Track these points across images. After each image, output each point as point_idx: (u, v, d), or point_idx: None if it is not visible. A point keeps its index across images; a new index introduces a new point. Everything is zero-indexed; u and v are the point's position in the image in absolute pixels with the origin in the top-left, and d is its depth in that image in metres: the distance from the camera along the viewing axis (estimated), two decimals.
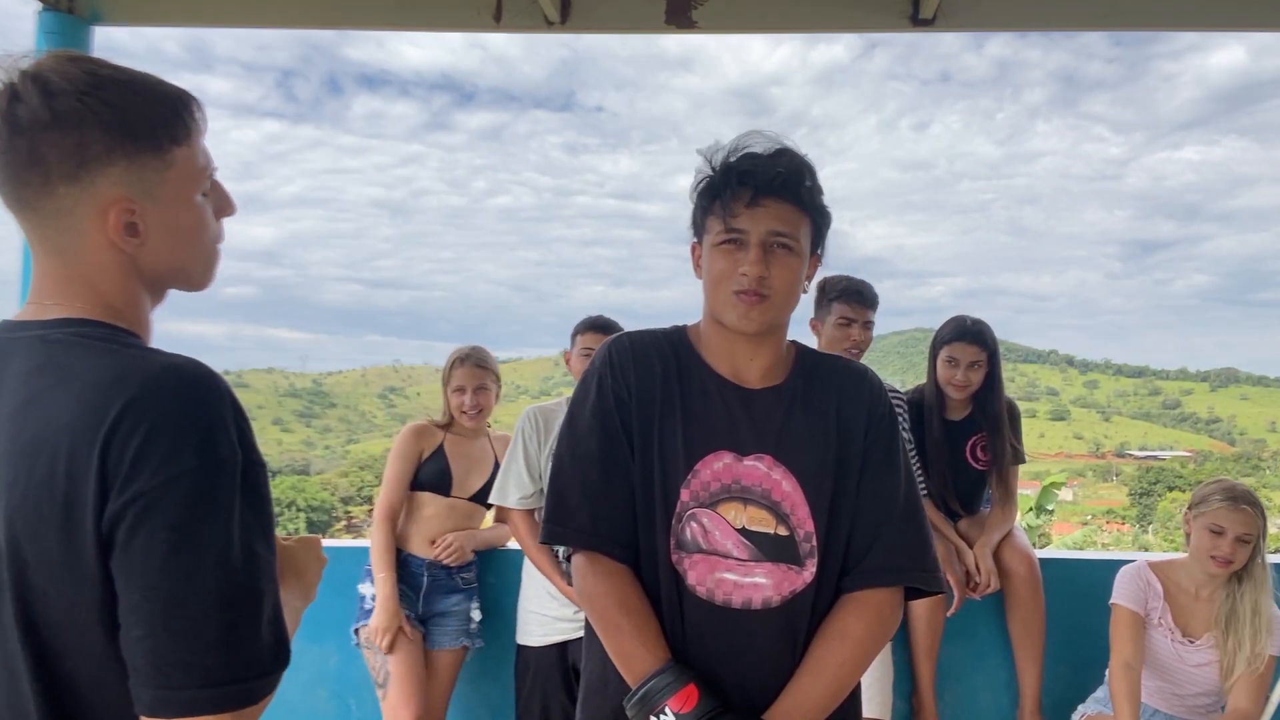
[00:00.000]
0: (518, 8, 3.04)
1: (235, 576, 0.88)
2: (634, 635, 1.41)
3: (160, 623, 0.85)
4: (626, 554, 1.46)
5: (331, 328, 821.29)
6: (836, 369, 1.58)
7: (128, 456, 0.85)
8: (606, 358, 1.53)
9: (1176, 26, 3.08)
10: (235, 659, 0.87)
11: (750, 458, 1.47)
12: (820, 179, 1.48)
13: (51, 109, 0.92)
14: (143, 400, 0.87)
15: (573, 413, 1.54)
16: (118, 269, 0.99)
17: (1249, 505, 2.65)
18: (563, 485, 1.49)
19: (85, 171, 0.94)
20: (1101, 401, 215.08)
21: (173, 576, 0.85)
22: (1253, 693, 2.60)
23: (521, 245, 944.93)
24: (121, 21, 3.21)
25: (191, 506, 0.86)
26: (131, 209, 0.97)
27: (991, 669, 3.17)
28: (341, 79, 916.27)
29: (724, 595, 1.43)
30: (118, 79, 0.96)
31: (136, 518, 0.85)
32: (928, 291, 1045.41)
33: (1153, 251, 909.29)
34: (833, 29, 3.13)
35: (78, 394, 0.89)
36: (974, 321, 3.11)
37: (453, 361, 3.12)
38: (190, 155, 1.01)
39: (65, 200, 0.95)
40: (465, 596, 3.05)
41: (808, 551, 1.45)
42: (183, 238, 1.02)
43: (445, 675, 3.02)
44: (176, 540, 0.85)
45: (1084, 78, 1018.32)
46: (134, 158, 0.96)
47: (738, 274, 1.42)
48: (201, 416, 0.89)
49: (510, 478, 2.91)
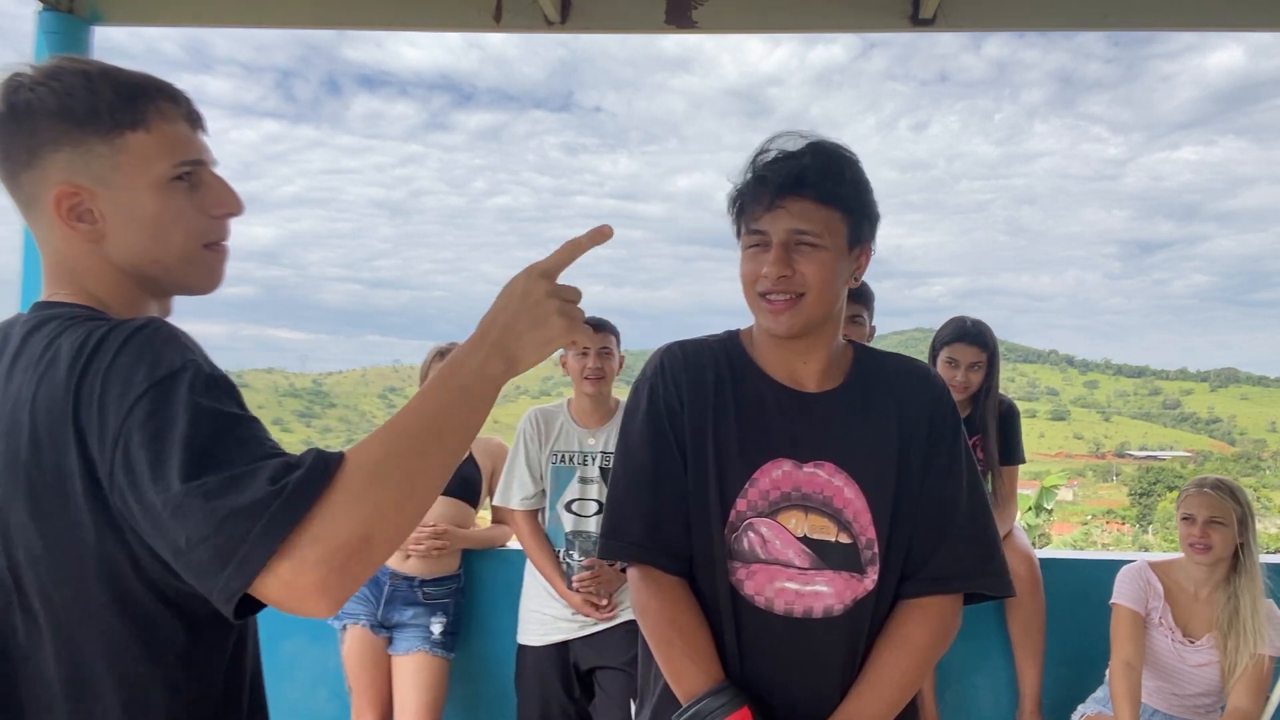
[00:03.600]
0: (518, 8, 3.04)
1: (221, 436, 0.85)
2: (686, 652, 1.38)
3: (196, 518, 0.80)
4: (680, 566, 1.43)
5: (331, 328, 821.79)
6: (898, 370, 1.53)
7: (94, 411, 0.86)
8: (659, 367, 1.50)
9: (1175, 26, 3.08)
10: (249, 499, 0.81)
11: (810, 464, 1.43)
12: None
13: (10, 103, 0.96)
14: (96, 356, 0.88)
15: (626, 424, 1.52)
16: (88, 258, 1.00)
17: (1214, 489, 2.70)
18: (616, 498, 1.48)
19: (37, 158, 0.97)
20: (1101, 401, 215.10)
21: (173, 479, 0.82)
22: (1253, 693, 2.60)
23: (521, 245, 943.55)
24: (121, 21, 3.21)
25: (158, 415, 0.84)
26: (76, 192, 0.97)
27: (991, 669, 3.17)
28: (340, 79, 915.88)
29: (785, 605, 1.41)
30: (75, 69, 0.97)
31: (125, 454, 0.84)
32: (927, 292, 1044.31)
33: (1151, 251, 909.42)
34: (833, 29, 3.13)
35: (43, 371, 0.90)
36: (974, 323, 3.11)
37: (432, 357, 3.17)
38: (148, 142, 0.98)
39: (28, 188, 0.99)
40: (426, 610, 3.02)
41: (869, 559, 1.42)
42: (147, 226, 1.00)
43: (412, 680, 2.97)
44: (159, 447, 0.83)
45: (1082, 78, 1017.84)
46: (79, 143, 0.96)
47: (761, 275, 1.39)
48: (147, 347, 0.88)
49: (513, 479, 2.92)
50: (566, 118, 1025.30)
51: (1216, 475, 2.82)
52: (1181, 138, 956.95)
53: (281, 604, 0.82)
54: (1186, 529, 2.72)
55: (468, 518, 3.16)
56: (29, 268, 3.04)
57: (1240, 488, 2.75)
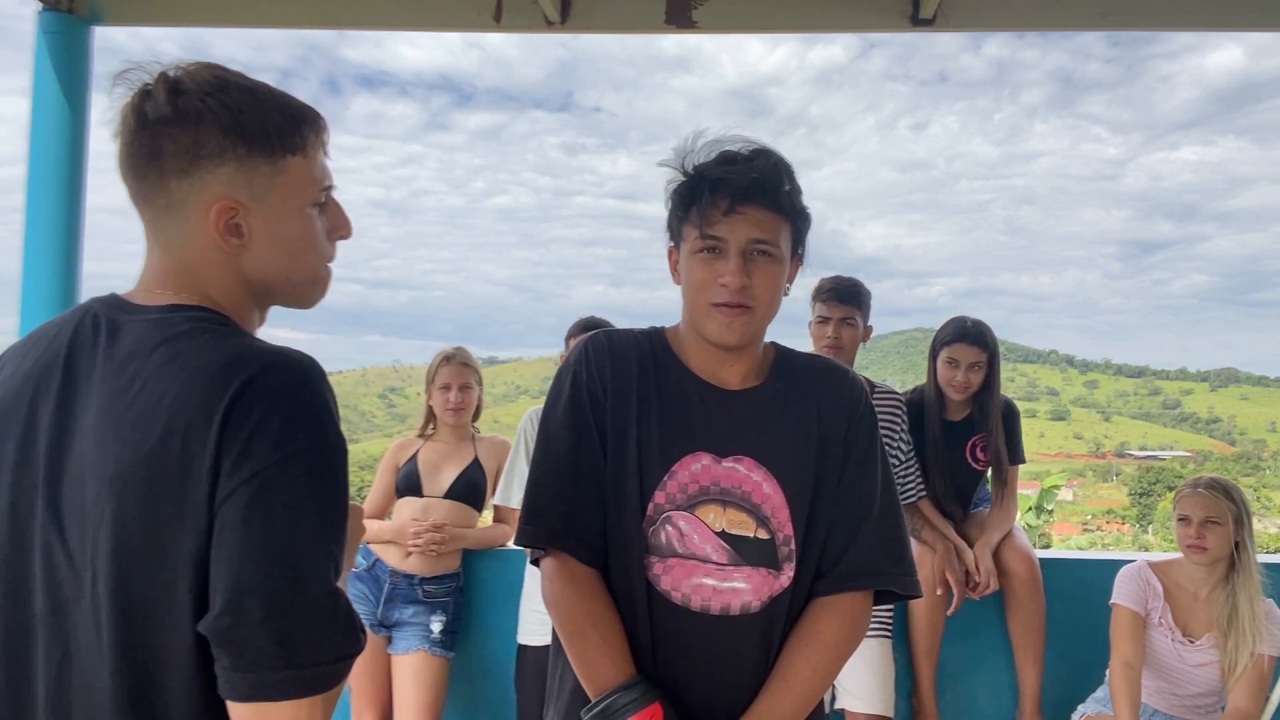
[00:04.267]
0: (518, 8, 3.04)
1: (336, 558, 0.90)
2: (599, 645, 1.36)
3: (286, 601, 0.85)
4: (595, 558, 1.41)
5: (331, 328, 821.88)
6: (816, 369, 1.54)
7: (243, 435, 0.87)
8: (583, 354, 1.48)
9: (1174, 26, 3.09)
10: (339, 639, 0.89)
11: (729, 459, 1.42)
12: (818, 179, 1.51)
13: (175, 105, 0.96)
14: (260, 381, 0.90)
15: (547, 410, 1.50)
16: (222, 268, 1.01)
17: (1208, 489, 2.70)
18: (535, 485, 1.46)
19: (197, 168, 0.97)
20: (1101, 401, 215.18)
21: (292, 555, 0.86)
22: (1252, 693, 2.60)
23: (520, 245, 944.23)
24: (121, 21, 3.22)
25: (305, 485, 0.88)
26: (235, 208, 0.99)
27: (991, 669, 3.16)
28: (340, 79, 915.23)
29: (701, 601, 1.39)
30: (243, 85, 1.00)
31: (253, 495, 0.86)
32: (926, 292, 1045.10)
33: (1151, 251, 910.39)
34: (833, 29, 3.13)
35: (192, 373, 0.90)
36: (974, 323, 3.11)
37: (438, 360, 3.21)
38: (305, 166, 1.03)
39: (177, 194, 0.98)
40: (426, 609, 3.02)
41: (786, 555, 1.42)
42: (288, 246, 1.04)
43: (411, 679, 2.98)
44: (293, 518, 0.87)
45: (1081, 78, 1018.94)
46: (245, 160, 0.99)
47: (717, 284, 1.37)
48: (313, 402, 0.92)
49: (514, 479, 2.92)
50: (566, 118, 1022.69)
51: (1212, 475, 2.82)
52: (1181, 138, 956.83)
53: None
54: (1183, 529, 2.72)
55: (471, 520, 3.17)
56: (30, 268, 3.05)
57: (1236, 486, 2.75)
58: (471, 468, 3.14)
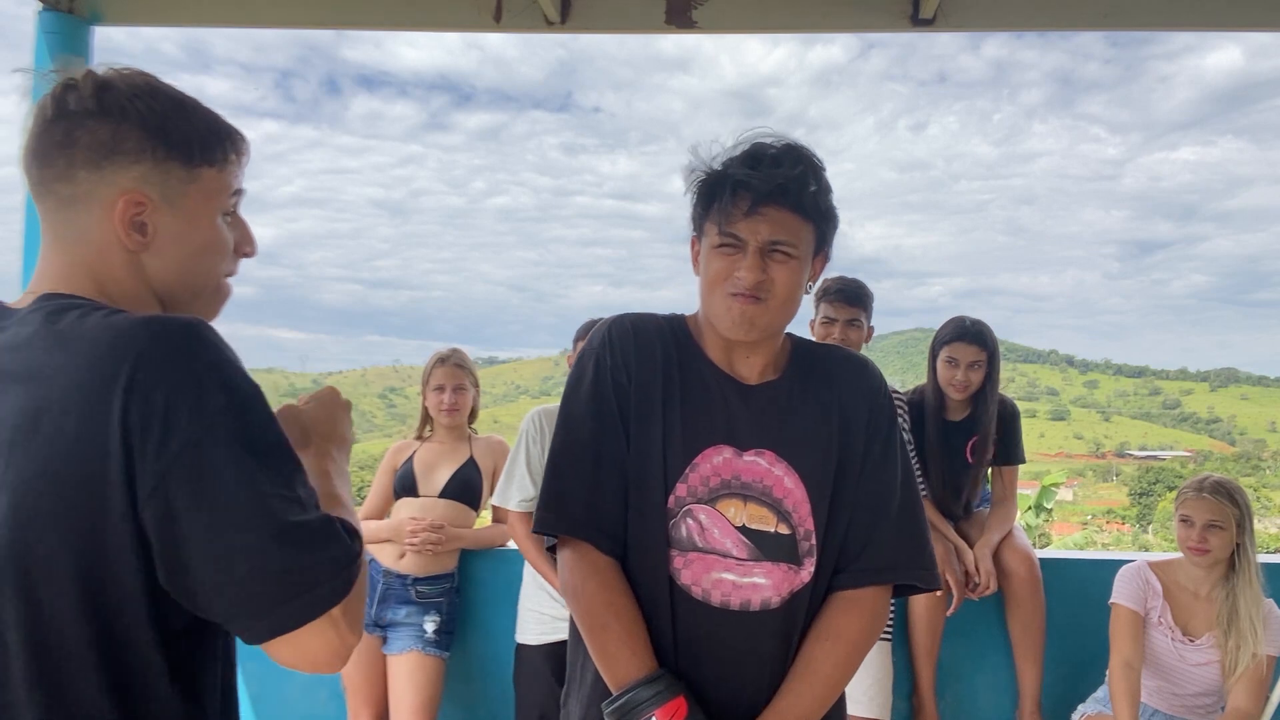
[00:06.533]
0: (517, 8, 3.04)
1: (297, 489, 0.91)
2: (621, 637, 1.35)
3: (268, 552, 0.86)
4: (615, 547, 1.40)
5: (331, 328, 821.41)
6: (835, 360, 1.52)
7: (156, 412, 0.84)
8: (606, 338, 1.45)
9: (1173, 26, 3.09)
10: (334, 553, 0.90)
11: (750, 453, 1.41)
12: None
13: (99, 99, 0.96)
14: (155, 353, 0.87)
15: (568, 394, 1.47)
16: (121, 267, 1.00)
17: (1212, 493, 2.68)
18: (554, 471, 1.43)
19: (110, 162, 0.97)
20: (1101, 401, 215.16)
21: (258, 509, 0.86)
22: (1252, 692, 2.60)
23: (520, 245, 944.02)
24: (121, 21, 3.22)
25: (242, 439, 0.87)
26: (143, 203, 0.98)
27: (991, 669, 3.16)
28: (340, 80, 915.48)
29: (722, 596, 1.38)
30: (173, 95, 1.01)
31: (191, 470, 0.85)
32: (926, 292, 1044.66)
33: (1150, 252, 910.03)
34: (833, 29, 3.13)
35: (76, 355, 0.87)
36: (974, 322, 3.11)
37: (434, 362, 3.23)
38: (219, 179, 1.04)
39: (83, 185, 0.97)
40: (419, 610, 3.02)
41: (807, 550, 1.41)
42: (192, 253, 1.03)
43: (406, 679, 2.97)
44: (243, 475, 0.86)
45: (1080, 78, 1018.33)
46: (161, 162, 0.99)
47: (734, 276, 1.36)
48: (215, 358, 0.90)
49: (513, 480, 2.91)
50: (566, 118, 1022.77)
51: (1216, 477, 2.80)
52: (1180, 138, 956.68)
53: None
54: (1185, 531, 2.71)
55: (468, 519, 3.17)
56: (30, 268, 3.04)
57: (1239, 488, 2.75)
58: (466, 467, 3.14)
